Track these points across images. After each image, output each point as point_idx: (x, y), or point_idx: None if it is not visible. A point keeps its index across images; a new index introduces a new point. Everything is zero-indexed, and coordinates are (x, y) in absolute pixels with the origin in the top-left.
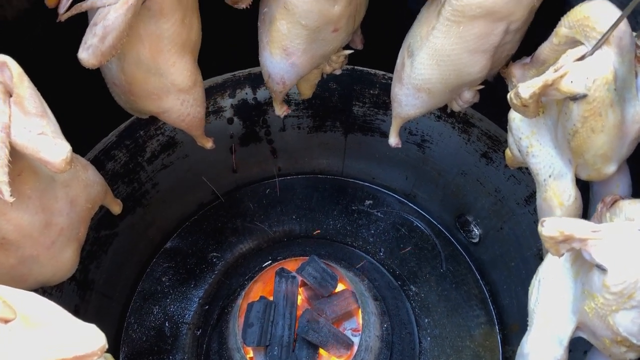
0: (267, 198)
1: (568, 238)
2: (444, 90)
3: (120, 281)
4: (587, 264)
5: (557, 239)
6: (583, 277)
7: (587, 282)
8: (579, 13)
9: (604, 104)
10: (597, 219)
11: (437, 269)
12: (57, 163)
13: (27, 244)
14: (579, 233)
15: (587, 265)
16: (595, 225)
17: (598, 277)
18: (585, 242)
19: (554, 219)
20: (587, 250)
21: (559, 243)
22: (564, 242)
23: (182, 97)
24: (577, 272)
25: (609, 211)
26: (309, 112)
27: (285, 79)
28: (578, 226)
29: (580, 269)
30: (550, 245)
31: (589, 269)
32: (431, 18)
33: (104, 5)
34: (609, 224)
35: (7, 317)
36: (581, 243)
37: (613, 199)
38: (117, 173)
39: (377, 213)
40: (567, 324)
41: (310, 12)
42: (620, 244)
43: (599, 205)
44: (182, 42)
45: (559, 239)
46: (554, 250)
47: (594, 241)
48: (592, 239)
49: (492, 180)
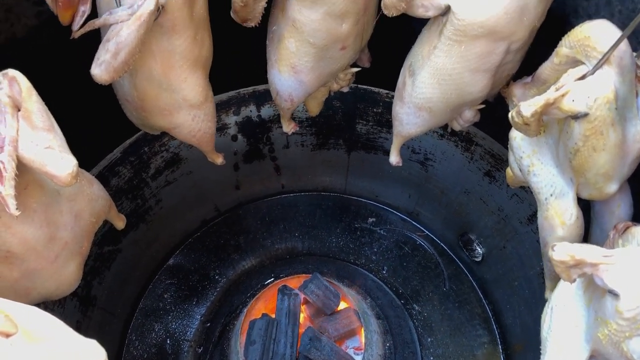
0: (270, 215)
1: (579, 263)
2: (445, 109)
3: (122, 298)
4: (600, 291)
5: (568, 263)
6: (596, 304)
7: (599, 308)
8: (580, 33)
9: (605, 122)
10: (609, 246)
11: (440, 287)
12: (63, 177)
13: (31, 257)
14: (591, 258)
15: (599, 292)
16: (607, 250)
17: (611, 303)
18: (597, 267)
19: (564, 244)
20: (599, 276)
21: (570, 268)
22: (575, 267)
23: (194, 113)
24: (589, 299)
25: (621, 238)
26: (312, 129)
27: (293, 96)
28: (589, 251)
29: (592, 295)
30: (561, 270)
31: (601, 296)
32: (433, 37)
33: (116, 22)
34: (621, 249)
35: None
36: (593, 268)
37: (625, 226)
38: (121, 189)
39: (380, 231)
40: (580, 352)
41: (319, 31)
42: (633, 269)
43: (611, 232)
44: (193, 58)
45: (570, 264)
46: (565, 276)
47: (606, 266)
48: (603, 263)
49: (495, 199)
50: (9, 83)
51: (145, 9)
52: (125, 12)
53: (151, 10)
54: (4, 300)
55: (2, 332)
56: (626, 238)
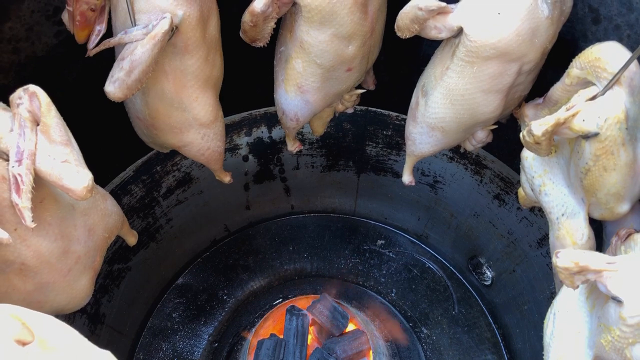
0: (280, 236)
1: (583, 269)
2: (458, 130)
3: (131, 316)
4: (603, 297)
5: (571, 270)
6: (599, 310)
7: (603, 315)
8: (591, 54)
9: (616, 142)
10: (611, 252)
11: (449, 311)
12: (78, 190)
13: (45, 270)
14: (594, 264)
15: (602, 298)
16: (611, 257)
17: (614, 309)
18: (601, 274)
19: (568, 250)
20: (603, 282)
21: (574, 274)
22: (578, 274)
23: (203, 132)
24: (592, 305)
25: (623, 244)
26: (322, 151)
27: (299, 115)
28: (593, 258)
29: (595, 302)
30: (565, 276)
31: (604, 302)
32: (445, 59)
33: (131, 41)
34: (624, 256)
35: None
36: (596, 275)
37: (627, 232)
38: (133, 207)
39: (389, 253)
40: (583, 358)
41: (326, 52)
42: (636, 275)
43: (614, 239)
44: (205, 78)
45: (573, 270)
46: (569, 282)
47: (609, 273)
48: (607, 270)
49: (504, 222)
50: (29, 98)
51: (160, 28)
52: (140, 32)
53: (165, 30)
54: (21, 308)
55: (19, 340)
56: (628, 244)
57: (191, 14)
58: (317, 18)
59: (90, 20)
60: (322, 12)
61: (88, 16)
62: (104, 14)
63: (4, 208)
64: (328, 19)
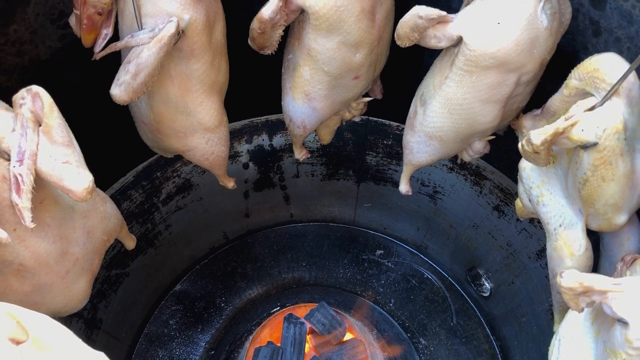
0: (278, 244)
1: (587, 290)
2: (455, 139)
3: (128, 322)
4: (608, 322)
5: (576, 290)
6: (604, 334)
7: (608, 339)
8: (589, 65)
9: (614, 153)
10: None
11: (447, 322)
12: (78, 191)
13: (43, 271)
14: (599, 285)
15: (608, 323)
16: (616, 279)
17: (620, 332)
18: (606, 295)
19: (573, 271)
20: (608, 304)
21: (579, 295)
22: (583, 295)
23: (208, 136)
24: (598, 330)
25: (629, 269)
26: (322, 159)
27: (306, 123)
28: (598, 278)
29: (601, 327)
30: (569, 297)
31: (610, 326)
32: (444, 68)
33: (138, 44)
34: (629, 277)
35: (19, 338)
36: (601, 296)
37: (633, 258)
38: (132, 213)
39: (388, 263)
40: None
41: (333, 60)
42: None
43: (619, 264)
44: (210, 83)
45: (578, 291)
46: (574, 304)
47: (615, 294)
48: (612, 291)
49: (503, 233)
50: (32, 98)
51: (166, 32)
52: (146, 35)
53: (172, 33)
54: (16, 306)
55: (13, 338)
56: (634, 269)
57: (197, 19)
58: (324, 26)
59: (97, 24)
60: (330, 19)
61: (95, 20)
62: (111, 17)
63: (4, 208)
64: (336, 27)
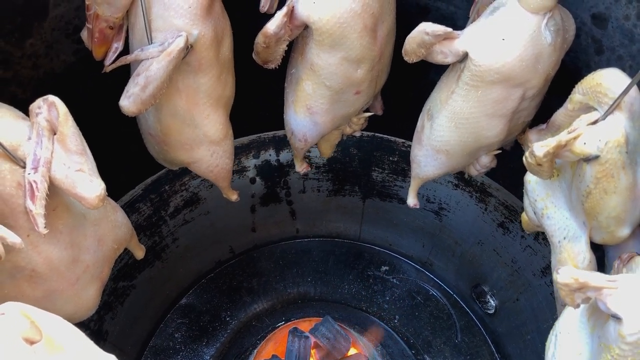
0: (284, 259)
1: (583, 286)
2: (462, 153)
3: (133, 334)
4: (603, 318)
5: (571, 286)
6: (599, 330)
7: (603, 335)
8: (592, 80)
9: (616, 165)
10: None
11: (452, 339)
12: (91, 199)
13: (54, 278)
14: (594, 281)
15: (603, 318)
16: (611, 276)
17: (614, 327)
18: (600, 291)
19: (569, 267)
20: (602, 300)
21: (574, 291)
22: (578, 291)
23: (213, 149)
24: (593, 326)
25: (625, 267)
26: (329, 175)
27: (307, 136)
28: (593, 275)
29: (596, 322)
30: (565, 294)
31: (604, 322)
32: (451, 83)
33: (147, 58)
34: (624, 274)
35: (33, 338)
36: (596, 292)
37: (630, 256)
38: (140, 225)
39: (393, 280)
40: None
41: (335, 74)
42: (636, 293)
43: (616, 262)
44: (217, 97)
45: (573, 287)
46: (569, 300)
47: (609, 290)
48: (607, 287)
49: (508, 250)
50: (48, 108)
51: (176, 46)
52: (156, 49)
53: (181, 47)
54: (30, 307)
55: (27, 338)
56: (630, 267)
57: (206, 34)
58: (327, 41)
59: (109, 37)
60: (333, 35)
61: (106, 34)
62: (122, 32)
63: (18, 214)
64: (338, 43)
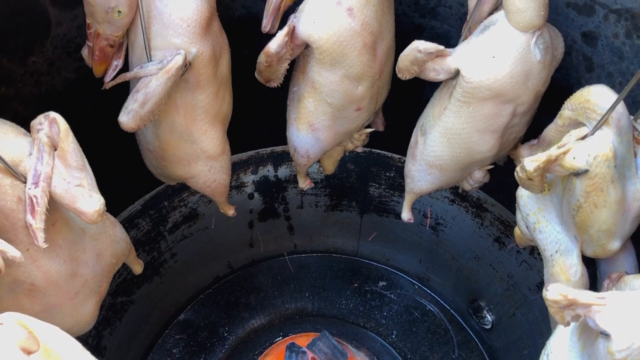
0: (282, 274)
1: (572, 303)
2: (455, 168)
3: (132, 350)
4: (593, 335)
5: (560, 302)
6: (589, 349)
7: (592, 353)
8: (581, 96)
9: (605, 179)
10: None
11: (449, 354)
12: (90, 213)
13: (53, 292)
14: (583, 298)
15: (593, 336)
16: (600, 293)
17: (603, 344)
18: (589, 308)
19: (557, 284)
20: (591, 317)
21: (563, 309)
22: (568, 308)
23: (210, 164)
24: (583, 346)
25: (614, 286)
26: (326, 191)
27: (310, 153)
28: (582, 292)
29: (586, 342)
30: (555, 311)
31: (594, 340)
32: (443, 99)
33: (146, 75)
34: (613, 292)
35: (30, 348)
36: (585, 309)
37: (619, 275)
38: (139, 241)
39: (391, 295)
40: None
41: (336, 92)
42: (624, 310)
43: (605, 282)
44: (214, 113)
45: (562, 304)
46: (559, 317)
47: (598, 307)
48: (595, 304)
49: (504, 265)
50: (49, 124)
51: (174, 63)
52: (155, 67)
53: (179, 65)
54: (28, 317)
55: (24, 348)
56: (619, 286)
57: (204, 52)
58: (328, 60)
59: (109, 55)
60: (333, 54)
61: (107, 52)
62: (122, 50)
63: (19, 229)
64: (339, 61)
